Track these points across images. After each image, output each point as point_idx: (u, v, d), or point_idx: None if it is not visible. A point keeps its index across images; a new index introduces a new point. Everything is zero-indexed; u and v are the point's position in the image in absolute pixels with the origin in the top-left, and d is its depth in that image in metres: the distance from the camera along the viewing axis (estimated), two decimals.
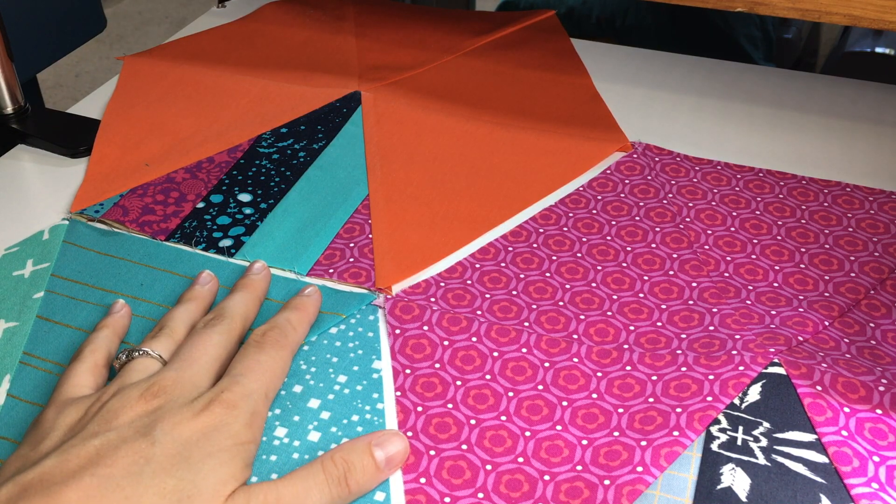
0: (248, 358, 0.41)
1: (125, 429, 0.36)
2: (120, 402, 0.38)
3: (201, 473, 0.35)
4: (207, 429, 0.37)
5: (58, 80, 2.17)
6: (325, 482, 0.37)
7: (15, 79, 0.66)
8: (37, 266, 0.52)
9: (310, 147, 0.62)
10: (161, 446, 0.35)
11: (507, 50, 0.75)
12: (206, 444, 0.36)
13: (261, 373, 0.40)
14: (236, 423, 0.37)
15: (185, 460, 0.35)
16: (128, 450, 0.35)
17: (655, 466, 0.39)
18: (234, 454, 0.36)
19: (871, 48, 1.10)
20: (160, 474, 0.34)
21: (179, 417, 0.37)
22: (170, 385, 0.38)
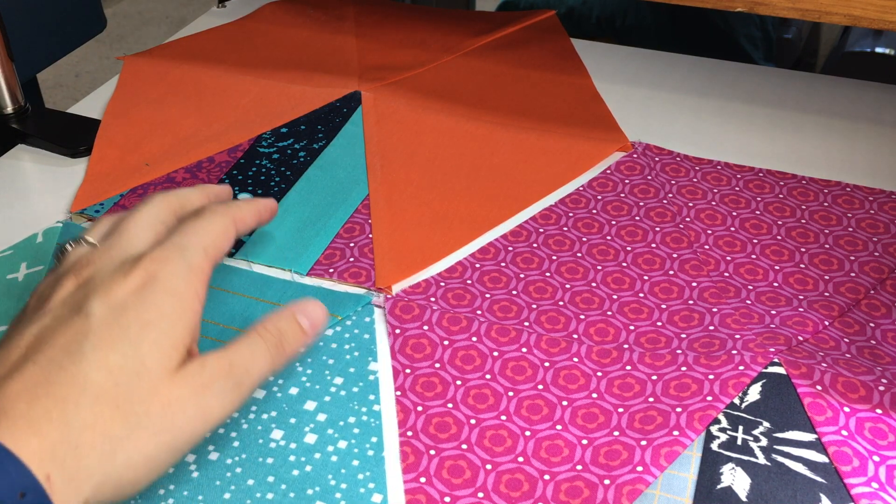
0: (182, 225, 0.39)
1: (59, 309, 0.35)
2: (50, 286, 0.36)
3: (144, 346, 0.34)
4: (141, 287, 0.35)
5: (58, 80, 2.17)
6: (265, 348, 0.37)
7: (15, 79, 0.66)
8: (30, 269, 0.51)
9: (310, 147, 0.62)
10: (96, 318, 0.34)
11: (507, 50, 0.75)
12: (142, 309, 0.34)
13: (197, 231, 0.38)
14: (172, 277, 0.35)
15: (123, 331, 0.34)
16: (64, 329, 0.33)
17: (655, 466, 0.39)
18: (175, 318, 0.35)
19: (871, 48, 1.10)
20: (101, 348, 0.33)
21: (110, 283, 0.35)
22: (97, 256, 0.37)
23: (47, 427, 0.31)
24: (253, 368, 0.37)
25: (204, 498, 0.39)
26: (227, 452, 0.41)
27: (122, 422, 0.32)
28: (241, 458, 0.41)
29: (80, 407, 0.32)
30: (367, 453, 0.41)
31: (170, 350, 0.34)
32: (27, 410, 0.31)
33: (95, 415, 0.32)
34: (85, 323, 0.33)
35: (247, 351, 0.37)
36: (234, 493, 0.39)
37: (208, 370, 0.35)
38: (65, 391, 0.32)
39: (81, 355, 0.33)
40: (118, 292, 0.35)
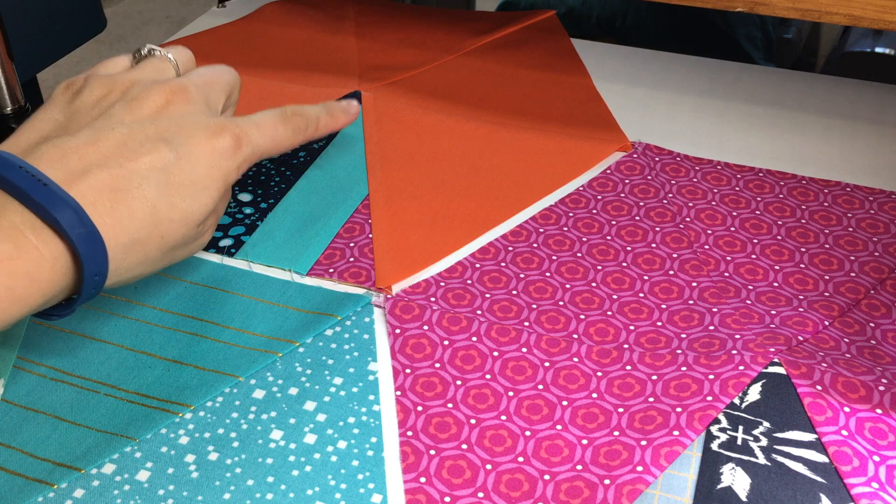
0: (271, 117, 0.45)
1: (149, 124, 0.40)
2: (143, 89, 0.41)
3: (200, 198, 0.40)
4: (216, 154, 0.41)
5: (58, 80, 2.16)
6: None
7: (15, 79, 0.66)
8: None
9: (310, 147, 0.62)
10: (178, 160, 0.39)
11: (507, 50, 0.75)
12: (209, 170, 0.40)
13: (272, 134, 0.44)
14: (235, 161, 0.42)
15: (191, 180, 0.40)
16: (151, 153, 0.39)
17: (655, 466, 0.39)
18: (222, 188, 0.42)
19: (871, 48, 1.10)
20: (172, 190, 0.39)
21: (196, 132, 0.40)
22: (189, 90, 0.42)
23: (120, 232, 0.37)
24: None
25: (204, 498, 0.39)
26: (226, 452, 0.41)
27: (160, 250, 0.39)
28: (241, 459, 0.41)
29: (144, 227, 0.38)
30: (367, 453, 0.41)
31: (207, 209, 0.41)
32: (111, 211, 0.37)
33: (148, 236, 0.38)
34: (170, 158, 0.39)
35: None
36: (233, 493, 0.39)
37: (210, 221, 0.43)
38: (139, 208, 0.38)
39: (160, 188, 0.38)
40: (198, 148, 0.40)
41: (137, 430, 0.42)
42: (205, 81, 0.44)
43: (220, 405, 0.43)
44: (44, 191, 0.35)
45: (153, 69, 0.44)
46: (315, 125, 0.48)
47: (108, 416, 0.43)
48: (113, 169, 0.37)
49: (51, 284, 0.35)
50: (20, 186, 0.35)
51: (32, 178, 0.35)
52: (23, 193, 0.35)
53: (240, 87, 0.48)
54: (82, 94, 0.41)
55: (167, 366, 0.45)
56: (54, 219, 0.35)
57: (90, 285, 0.37)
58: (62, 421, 0.42)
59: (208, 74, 0.45)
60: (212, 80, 0.44)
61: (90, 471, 0.40)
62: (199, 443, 0.41)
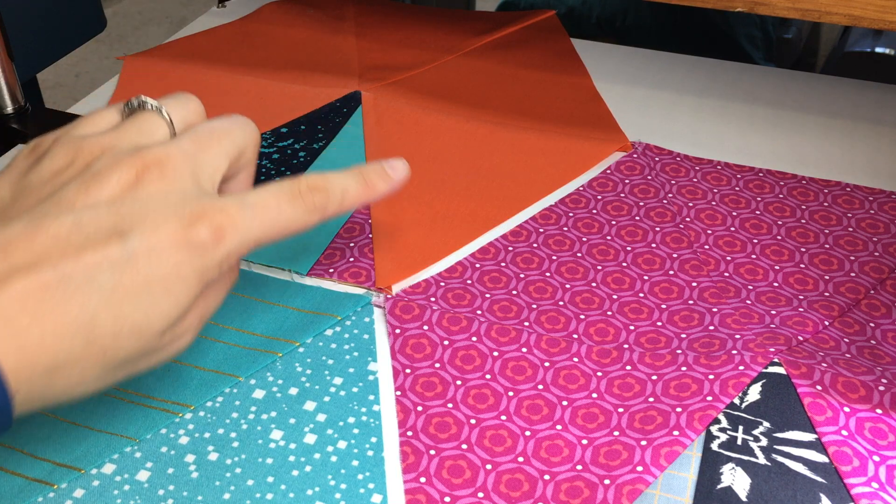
0: (273, 193, 0.36)
1: (104, 211, 0.32)
2: (110, 162, 0.33)
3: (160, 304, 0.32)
4: (185, 248, 0.32)
5: (58, 80, 2.17)
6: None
7: (15, 79, 0.66)
8: None
9: (310, 147, 0.62)
10: (131, 255, 0.31)
11: (507, 50, 0.75)
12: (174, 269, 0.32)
13: (273, 218, 0.36)
14: (213, 257, 0.33)
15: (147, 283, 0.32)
16: (97, 249, 0.31)
17: (655, 466, 0.39)
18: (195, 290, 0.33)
19: (871, 48, 1.10)
20: (120, 291, 0.31)
21: (163, 220, 0.32)
22: (168, 162, 0.34)
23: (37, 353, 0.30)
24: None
25: (204, 498, 0.39)
26: (226, 453, 0.41)
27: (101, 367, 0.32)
28: (241, 459, 0.41)
29: (74, 346, 0.31)
30: (367, 453, 0.41)
31: (174, 316, 0.33)
32: (28, 328, 0.30)
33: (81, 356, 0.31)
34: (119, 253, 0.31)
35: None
36: (233, 493, 0.39)
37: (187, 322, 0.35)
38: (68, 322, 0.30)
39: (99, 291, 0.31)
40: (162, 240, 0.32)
41: (137, 430, 0.42)
42: (199, 146, 0.35)
43: (220, 405, 0.43)
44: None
45: (137, 130, 0.36)
46: (339, 200, 0.38)
47: (108, 416, 0.43)
48: (43, 272, 0.30)
49: None
50: None
51: None
52: None
53: (257, 142, 0.39)
54: (41, 165, 0.34)
55: (167, 366, 0.45)
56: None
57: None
58: (62, 421, 0.42)
59: (207, 134, 0.36)
60: (210, 142, 0.36)
61: (90, 471, 0.40)
62: (199, 443, 0.41)
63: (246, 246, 0.35)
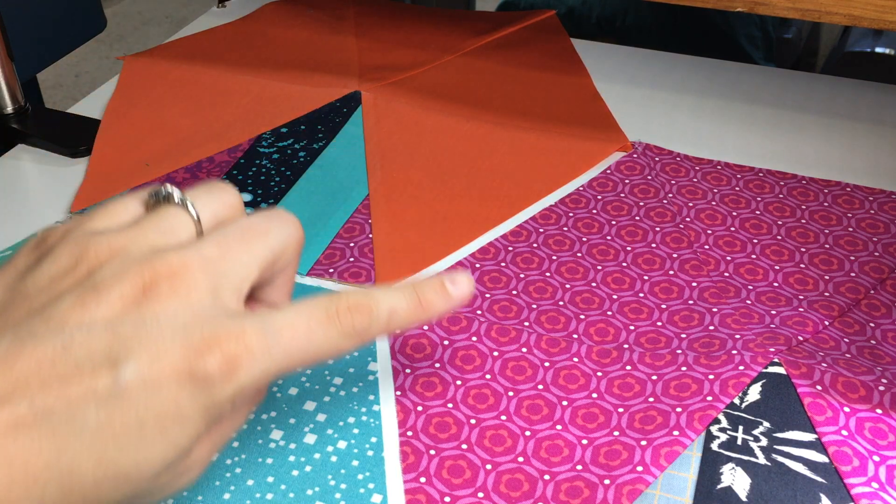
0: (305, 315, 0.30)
1: (98, 333, 0.27)
2: (116, 271, 0.28)
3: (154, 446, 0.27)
4: (190, 383, 0.27)
5: (58, 80, 2.17)
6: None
7: (15, 79, 0.66)
8: None
9: (310, 147, 0.62)
10: (124, 388, 0.26)
11: (507, 50, 0.75)
12: (174, 406, 0.27)
13: (303, 345, 0.30)
14: (223, 394, 0.28)
15: (140, 421, 0.27)
16: (85, 379, 0.26)
17: (655, 466, 0.39)
18: (197, 430, 0.28)
19: (871, 48, 1.10)
20: (107, 432, 0.26)
21: (166, 348, 0.27)
22: (184, 274, 0.29)
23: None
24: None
25: (204, 498, 0.39)
26: (226, 453, 0.41)
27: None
28: (241, 459, 0.41)
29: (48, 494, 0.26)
30: (367, 453, 0.41)
31: (171, 456, 0.28)
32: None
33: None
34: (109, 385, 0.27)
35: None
36: (233, 493, 0.39)
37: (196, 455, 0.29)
38: (43, 466, 0.26)
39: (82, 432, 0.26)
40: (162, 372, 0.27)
41: None
42: (226, 250, 0.30)
43: None
44: None
45: (157, 228, 0.30)
46: (384, 323, 0.32)
47: None
48: (17, 406, 0.25)
49: None
50: None
51: None
52: None
53: (299, 242, 0.33)
54: (41, 267, 0.29)
55: None
56: None
57: None
58: None
59: (238, 235, 0.31)
60: (240, 245, 0.30)
61: None
62: None
63: (264, 378, 0.29)
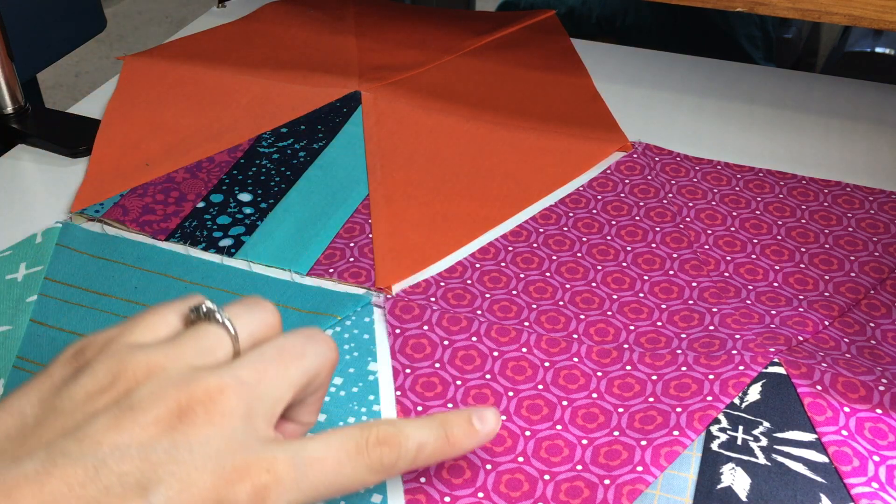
0: (336, 446, 0.31)
1: (129, 459, 0.27)
2: (153, 393, 0.28)
3: None
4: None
5: (58, 80, 2.17)
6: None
7: (15, 79, 0.66)
8: (30, 269, 0.51)
9: (310, 147, 0.62)
10: None
11: (507, 50, 0.75)
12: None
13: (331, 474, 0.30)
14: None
15: None
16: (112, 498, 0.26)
17: (655, 466, 0.39)
18: None
19: (871, 48, 1.10)
20: None
21: (197, 476, 0.27)
22: (220, 399, 0.29)
23: None
24: None
25: None
26: None
27: None
28: None
29: None
30: None
31: None
32: None
33: None
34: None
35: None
36: None
37: None
38: None
39: None
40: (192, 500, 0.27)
41: None
42: (262, 374, 0.30)
43: None
44: None
45: (195, 346, 0.30)
46: (412, 458, 0.32)
47: None
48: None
49: None
50: None
51: None
52: None
53: (333, 363, 0.33)
54: (77, 382, 0.29)
55: None
56: None
57: None
58: None
59: (275, 357, 0.31)
60: (277, 369, 0.31)
61: None
62: None
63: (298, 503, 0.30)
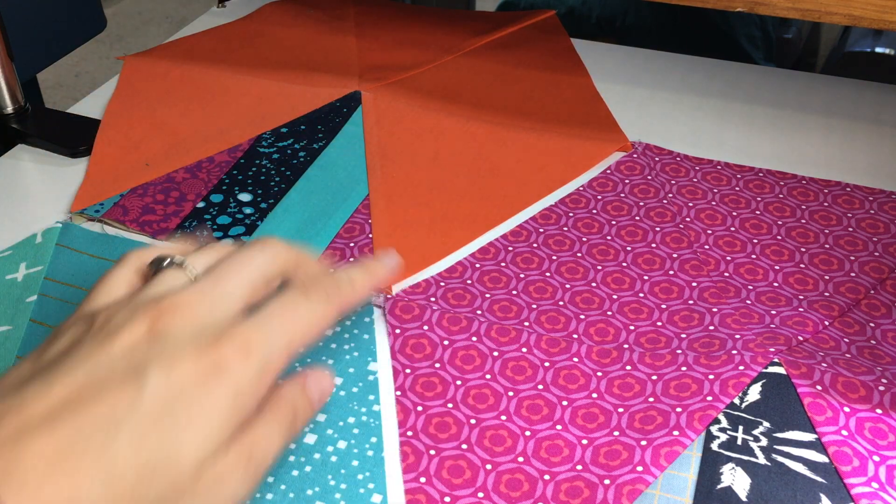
0: (284, 300, 0.36)
1: (119, 358, 0.31)
2: (124, 317, 0.33)
3: (186, 437, 0.31)
4: (206, 377, 0.32)
5: (58, 80, 2.17)
6: (280, 430, 0.35)
7: (15, 79, 0.66)
8: (30, 269, 0.51)
9: (310, 147, 0.62)
10: (150, 393, 0.31)
11: (507, 50, 0.75)
12: (201, 396, 0.31)
13: (292, 319, 0.35)
14: (243, 373, 0.33)
15: (171, 413, 0.31)
16: (115, 389, 0.30)
17: (655, 466, 0.39)
18: (229, 414, 0.32)
19: (871, 48, 1.10)
20: (141, 429, 0.30)
21: (180, 355, 0.32)
22: (184, 305, 0.33)
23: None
24: (270, 453, 0.34)
25: None
26: None
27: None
28: None
29: (94, 490, 0.29)
30: (367, 453, 0.41)
31: (207, 446, 0.32)
32: (44, 478, 0.29)
33: (104, 501, 0.29)
34: (137, 396, 0.31)
35: (264, 436, 0.34)
36: None
37: (229, 462, 0.32)
38: (87, 466, 0.29)
39: (117, 433, 0.30)
40: (184, 369, 0.32)
41: None
42: (217, 282, 0.35)
43: None
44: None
45: (156, 285, 0.35)
46: (350, 287, 0.39)
47: None
48: (58, 429, 0.29)
49: None
50: None
51: None
52: None
53: (294, 264, 0.38)
54: (58, 341, 0.33)
55: None
56: None
57: None
58: None
59: (226, 268, 0.36)
60: (228, 274, 0.35)
61: None
62: None
63: (278, 355, 0.34)
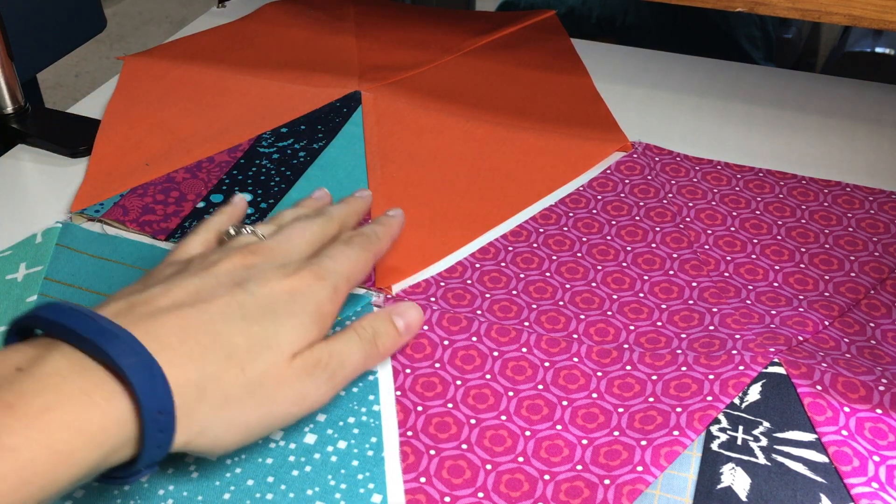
0: (336, 248, 0.45)
1: (223, 276, 0.40)
2: (220, 255, 0.41)
3: (284, 328, 0.38)
4: (295, 291, 0.40)
5: (58, 80, 2.17)
6: (360, 345, 0.42)
7: (15, 79, 0.66)
8: (30, 269, 0.51)
9: (310, 147, 0.62)
10: (253, 297, 0.39)
11: (507, 50, 0.75)
12: (292, 305, 0.39)
13: (346, 259, 0.44)
14: (321, 293, 0.41)
15: (271, 313, 0.39)
16: (225, 294, 0.38)
17: (655, 466, 0.39)
18: (314, 319, 0.40)
19: (871, 48, 1.10)
20: (249, 320, 0.38)
21: (271, 276, 0.40)
22: (266, 250, 0.42)
23: (188, 366, 0.35)
24: (347, 362, 0.41)
25: (204, 498, 0.39)
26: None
27: (241, 386, 0.37)
28: (241, 459, 0.41)
29: (217, 360, 0.36)
30: (367, 453, 0.41)
31: (300, 338, 0.39)
32: (178, 345, 0.35)
33: (224, 370, 0.36)
34: (243, 297, 0.39)
35: (343, 346, 0.41)
36: (233, 493, 0.39)
37: (312, 358, 0.39)
38: (210, 341, 0.36)
39: (232, 319, 0.38)
40: (275, 286, 0.40)
41: None
42: (286, 238, 0.44)
43: None
44: (93, 326, 0.33)
45: (237, 242, 0.44)
46: (377, 238, 0.48)
47: None
48: (183, 310, 0.37)
49: (105, 435, 0.32)
50: (67, 325, 0.33)
51: (82, 316, 0.33)
52: (70, 332, 0.33)
53: (343, 226, 0.48)
54: (152, 276, 0.41)
55: None
56: (103, 351, 0.32)
57: (154, 426, 0.33)
58: None
59: (288, 231, 0.45)
60: (291, 235, 0.44)
61: None
62: None
63: (344, 279, 0.43)
